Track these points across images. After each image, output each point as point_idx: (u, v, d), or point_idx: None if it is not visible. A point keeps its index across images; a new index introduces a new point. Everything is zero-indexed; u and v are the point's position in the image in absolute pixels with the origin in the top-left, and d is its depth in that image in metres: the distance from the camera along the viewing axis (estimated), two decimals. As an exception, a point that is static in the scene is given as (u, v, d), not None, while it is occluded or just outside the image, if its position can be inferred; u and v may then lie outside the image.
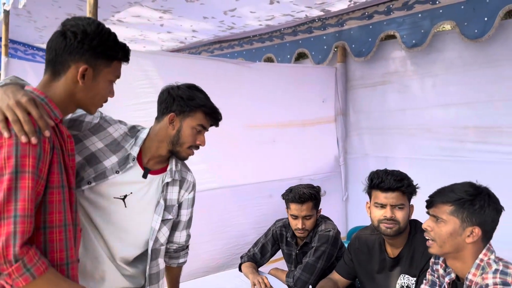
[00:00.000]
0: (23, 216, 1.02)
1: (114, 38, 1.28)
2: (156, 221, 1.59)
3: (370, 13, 3.33)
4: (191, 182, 1.71)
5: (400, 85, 3.37)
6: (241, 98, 3.04)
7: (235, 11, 3.60)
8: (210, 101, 1.61)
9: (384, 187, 1.88)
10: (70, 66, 1.21)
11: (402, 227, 1.87)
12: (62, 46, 1.21)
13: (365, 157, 3.66)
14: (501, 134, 2.81)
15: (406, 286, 1.87)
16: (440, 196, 1.53)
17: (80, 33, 1.21)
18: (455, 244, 1.47)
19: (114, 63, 1.30)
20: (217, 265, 2.85)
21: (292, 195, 2.33)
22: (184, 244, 1.81)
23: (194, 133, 1.56)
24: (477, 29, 2.71)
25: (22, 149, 1.05)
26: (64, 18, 4.36)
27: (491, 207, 1.46)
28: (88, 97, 1.28)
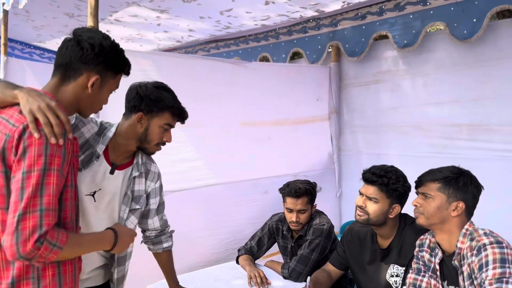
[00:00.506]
0: (48, 210, 1.12)
1: (123, 54, 1.39)
2: (124, 211, 1.67)
3: (363, 13, 3.40)
4: (156, 172, 1.79)
5: (392, 84, 3.45)
6: (237, 97, 3.12)
7: (231, 11, 3.67)
8: (177, 101, 1.67)
9: (364, 179, 2.01)
10: (83, 73, 1.30)
11: (371, 219, 1.95)
12: (79, 55, 1.29)
13: (358, 154, 3.74)
14: (489, 132, 2.90)
15: (395, 275, 1.96)
16: (429, 175, 1.71)
17: (97, 46, 1.30)
18: (441, 217, 1.65)
19: (118, 76, 1.41)
20: (214, 259, 2.93)
21: (288, 189, 2.42)
22: (160, 229, 1.89)
23: (161, 132, 1.63)
24: (466, 30, 2.80)
25: (51, 149, 1.14)
26: (62, 18, 4.40)
27: (473, 185, 1.65)
28: (91, 103, 1.38)
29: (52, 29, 4.69)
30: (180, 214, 2.62)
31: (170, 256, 1.97)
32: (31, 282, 1.17)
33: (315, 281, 2.07)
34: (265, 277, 2.27)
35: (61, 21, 4.30)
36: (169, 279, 2.00)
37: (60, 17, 4.14)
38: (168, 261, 1.97)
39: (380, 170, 1.97)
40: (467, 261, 1.56)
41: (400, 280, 1.94)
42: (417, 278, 1.75)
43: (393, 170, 1.99)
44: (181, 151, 2.79)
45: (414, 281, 1.75)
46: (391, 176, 1.94)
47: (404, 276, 1.91)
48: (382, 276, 1.99)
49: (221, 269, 2.48)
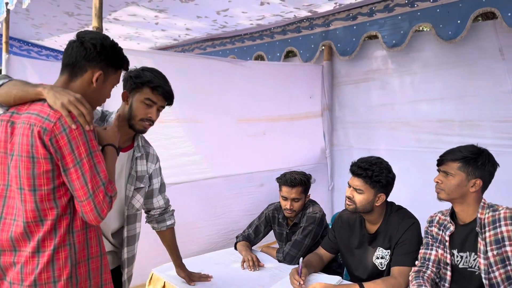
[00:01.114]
0: (107, 180, 1.39)
1: (122, 51, 1.54)
2: (129, 190, 1.82)
3: (354, 14, 3.55)
4: (154, 155, 1.95)
5: (382, 82, 3.61)
6: (234, 94, 3.26)
7: (228, 11, 3.79)
8: (158, 78, 1.76)
9: (351, 171, 2.15)
10: (87, 70, 1.47)
11: (358, 208, 2.11)
12: (83, 54, 1.46)
13: (349, 149, 3.91)
14: (472, 127, 3.07)
15: (381, 257, 2.12)
16: (450, 155, 1.85)
17: (99, 45, 1.46)
18: (461, 193, 1.81)
19: (119, 72, 1.56)
20: (212, 248, 3.06)
21: (284, 179, 2.58)
22: (164, 207, 2.06)
23: (143, 107, 1.73)
24: (451, 31, 2.95)
25: (88, 135, 1.36)
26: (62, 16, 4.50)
27: (490, 163, 1.80)
28: (96, 97, 1.52)
29: (51, 27, 4.77)
30: (179, 206, 2.73)
31: (173, 234, 2.13)
32: (67, 248, 1.37)
33: (308, 262, 2.24)
34: (257, 260, 2.42)
35: (60, 20, 4.39)
36: (173, 255, 2.16)
37: (60, 15, 4.23)
38: (172, 238, 2.12)
39: (365, 163, 2.09)
40: (493, 228, 1.73)
41: (385, 261, 2.11)
42: (426, 252, 1.94)
43: (377, 163, 2.11)
44: (181, 145, 2.93)
45: (424, 255, 1.94)
46: (374, 168, 2.06)
47: (389, 258, 2.08)
48: (369, 258, 2.15)
49: (220, 254, 2.63)
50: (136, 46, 5.26)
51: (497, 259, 1.71)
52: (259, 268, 2.40)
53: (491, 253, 1.72)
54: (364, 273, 2.17)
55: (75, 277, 1.38)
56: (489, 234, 1.73)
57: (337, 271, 2.49)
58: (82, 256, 1.41)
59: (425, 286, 1.81)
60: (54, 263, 1.34)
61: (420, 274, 1.89)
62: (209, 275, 2.24)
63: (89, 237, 1.43)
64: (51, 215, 1.34)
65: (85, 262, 1.42)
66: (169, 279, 2.23)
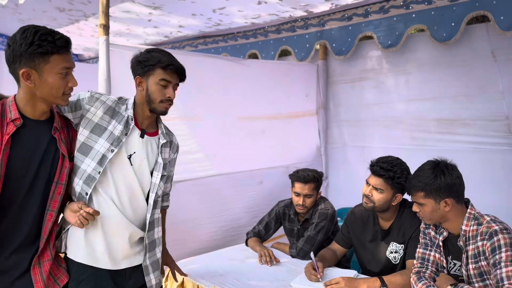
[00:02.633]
0: None
1: (40, 36, 1.40)
2: (157, 177, 1.81)
3: (350, 15, 3.61)
4: (176, 144, 1.96)
5: (376, 81, 3.70)
6: (234, 92, 3.28)
7: (224, 9, 3.79)
8: (166, 56, 1.74)
9: (372, 171, 2.20)
10: (18, 73, 1.43)
11: (376, 207, 2.17)
12: (7, 59, 1.44)
13: (344, 147, 3.99)
14: (464, 126, 3.20)
15: (394, 252, 2.21)
16: (411, 186, 1.89)
17: (12, 43, 1.41)
18: (439, 216, 1.86)
19: (53, 58, 1.43)
20: (213, 245, 3.09)
21: (298, 175, 2.64)
22: (167, 192, 2.07)
23: (160, 89, 1.72)
24: (445, 33, 3.06)
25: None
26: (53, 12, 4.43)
27: (449, 178, 1.80)
28: (45, 93, 1.48)
29: (39, 23, 4.49)
30: (182, 203, 2.79)
31: (164, 216, 2.10)
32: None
33: (322, 257, 2.31)
34: (274, 256, 2.49)
35: (50, 15, 4.29)
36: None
37: (51, 11, 4.14)
38: (163, 220, 2.09)
39: (387, 164, 2.15)
40: (473, 242, 1.78)
41: (398, 256, 2.19)
42: (425, 252, 1.98)
43: (398, 164, 2.17)
44: (184, 143, 2.93)
45: (423, 255, 1.99)
46: (396, 170, 2.13)
47: (402, 252, 2.16)
48: (382, 253, 2.24)
49: (233, 250, 2.68)
50: (125, 43, 5.19)
51: (475, 273, 1.78)
52: (276, 263, 2.45)
53: (471, 265, 1.79)
54: (377, 267, 2.25)
55: None
56: (471, 248, 1.79)
57: (345, 265, 2.57)
58: None
59: (432, 285, 1.86)
60: None
61: (421, 274, 1.94)
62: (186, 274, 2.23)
63: None
64: None
65: None
66: (188, 275, 2.26)
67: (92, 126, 1.70)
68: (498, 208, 2.66)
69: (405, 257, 2.17)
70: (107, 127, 1.71)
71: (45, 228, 1.59)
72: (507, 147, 3.00)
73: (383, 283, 1.99)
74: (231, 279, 2.23)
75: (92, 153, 1.68)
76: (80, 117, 1.70)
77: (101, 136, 1.69)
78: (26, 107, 1.50)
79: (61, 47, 1.45)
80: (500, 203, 2.91)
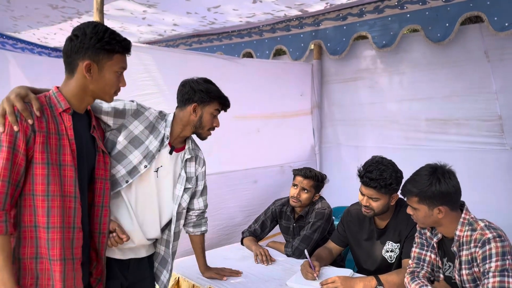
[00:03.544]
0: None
1: (110, 34, 1.48)
2: (179, 190, 1.95)
3: (344, 14, 3.62)
4: (202, 158, 2.10)
5: (371, 81, 3.71)
6: (228, 91, 3.21)
7: (219, 8, 3.79)
8: (221, 92, 1.97)
9: (362, 182, 2.20)
10: (78, 64, 1.47)
11: (377, 212, 2.20)
12: (70, 49, 1.47)
13: (338, 146, 4.00)
14: (458, 126, 3.22)
15: (390, 251, 2.22)
16: (406, 191, 1.87)
17: (80, 34, 1.45)
18: (432, 221, 1.86)
19: (116, 56, 1.50)
20: (208, 244, 3.04)
21: (300, 169, 2.70)
22: (203, 209, 2.17)
23: (212, 118, 1.93)
24: (440, 33, 3.08)
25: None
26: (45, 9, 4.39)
27: (444, 186, 1.78)
28: (99, 88, 1.52)
29: (31, 20, 4.61)
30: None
31: (204, 239, 2.25)
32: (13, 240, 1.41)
33: (318, 256, 2.31)
34: (269, 255, 2.49)
35: (42, 12, 4.25)
36: (202, 258, 2.26)
37: (43, 8, 4.10)
38: (203, 243, 2.24)
39: (375, 172, 2.12)
40: (467, 248, 1.78)
41: (394, 255, 2.20)
42: (421, 252, 1.99)
43: (387, 169, 2.14)
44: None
45: (419, 255, 1.99)
46: (386, 176, 2.12)
47: (398, 251, 2.17)
48: (378, 252, 2.25)
49: (229, 249, 2.67)
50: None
51: (469, 278, 1.79)
52: (271, 262, 2.46)
53: (464, 271, 1.80)
54: (373, 266, 2.26)
55: (17, 270, 1.39)
56: (464, 254, 1.79)
57: (340, 264, 2.58)
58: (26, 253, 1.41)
59: (426, 285, 1.86)
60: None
61: (415, 274, 1.94)
62: (239, 271, 2.30)
63: (22, 237, 1.41)
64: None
65: (31, 260, 1.41)
66: (184, 274, 2.28)
67: (132, 138, 1.79)
68: (490, 208, 2.70)
69: (401, 256, 2.18)
70: (144, 141, 1.81)
71: (104, 224, 1.65)
72: (500, 147, 3.02)
73: (379, 282, 2.00)
74: (227, 278, 2.23)
75: (125, 161, 1.78)
76: (121, 125, 1.77)
77: (137, 148, 1.80)
78: (73, 99, 1.51)
79: (124, 48, 1.53)
80: (493, 203, 2.94)
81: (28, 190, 1.39)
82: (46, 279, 1.42)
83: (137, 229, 1.84)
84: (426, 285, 1.86)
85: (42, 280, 1.42)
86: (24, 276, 1.40)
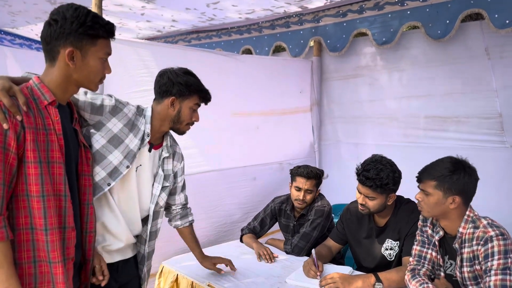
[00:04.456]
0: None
1: (92, 18, 1.37)
2: (157, 189, 1.87)
3: (344, 11, 3.60)
4: (180, 153, 2.01)
5: (370, 78, 3.70)
6: (229, 88, 3.25)
7: (218, 4, 3.76)
8: (202, 84, 1.87)
9: (359, 181, 2.19)
10: (59, 51, 1.36)
11: (372, 211, 2.20)
12: (49, 34, 1.35)
13: (337, 143, 3.99)
14: (458, 123, 3.21)
15: (389, 248, 2.21)
16: (425, 173, 1.84)
17: (60, 19, 1.34)
18: (441, 210, 1.82)
19: (100, 41, 1.40)
20: (206, 241, 3.07)
21: (301, 170, 2.64)
22: (185, 203, 2.12)
23: (191, 112, 1.83)
24: (440, 30, 3.06)
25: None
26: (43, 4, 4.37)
27: (466, 178, 1.77)
28: (83, 76, 1.42)
29: (29, 15, 4.58)
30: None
31: (193, 229, 2.18)
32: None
33: (319, 254, 2.31)
34: (272, 253, 2.48)
35: (41, 7, 4.21)
36: (197, 249, 2.21)
37: (41, 3, 4.06)
38: (193, 233, 2.17)
39: (373, 172, 2.11)
40: (469, 246, 1.77)
41: (394, 252, 2.19)
42: (422, 250, 1.98)
43: (384, 169, 2.13)
44: (178, 139, 2.90)
45: (420, 253, 1.98)
46: (382, 175, 2.10)
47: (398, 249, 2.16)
48: (377, 250, 2.24)
49: (228, 246, 2.67)
50: (117, 37, 5.13)
51: (470, 276, 1.78)
52: (274, 259, 2.45)
53: (465, 269, 1.79)
54: (373, 263, 2.25)
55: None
56: (466, 251, 1.79)
57: (340, 262, 2.57)
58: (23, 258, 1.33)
59: (426, 283, 1.86)
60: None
61: (416, 272, 1.93)
62: (233, 267, 2.28)
63: (17, 240, 1.32)
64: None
65: (29, 264, 1.33)
66: (182, 271, 2.26)
67: (110, 136, 1.69)
68: (490, 206, 2.68)
69: (401, 254, 2.17)
70: (124, 139, 1.72)
71: (90, 222, 1.57)
72: (500, 144, 3.01)
73: (378, 279, 1.99)
74: (226, 275, 2.23)
75: (104, 162, 1.68)
76: (98, 122, 1.68)
77: (117, 147, 1.70)
78: (56, 90, 1.40)
79: (109, 32, 1.43)
80: (493, 201, 2.92)
81: (21, 191, 1.30)
82: (46, 283, 1.35)
83: (125, 228, 1.79)
84: (427, 282, 1.85)
85: (42, 284, 1.35)
86: (21, 282, 1.31)
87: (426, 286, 1.84)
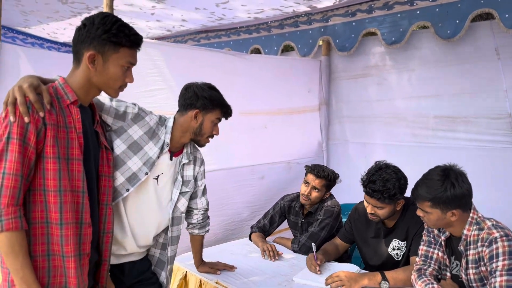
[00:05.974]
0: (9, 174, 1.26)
1: (119, 27, 1.42)
2: (175, 194, 1.90)
3: (353, 11, 3.60)
4: (200, 158, 2.06)
5: (379, 78, 3.69)
6: (236, 87, 3.27)
7: (227, 4, 3.79)
8: (225, 100, 1.94)
9: (365, 192, 2.19)
10: (83, 54, 1.42)
11: (383, 219, 2.21)
12: (77, 37, 1.42)
13: (345, 143, 3.99)
14: (467, 123, 3.20)
15: (397, 248, 2.22)
16: (418, 195, 1.84)
17: (88, 24, 1.40)
18: (444, 223, 1.85)
19: (122, 50, 1.44)
20: (214, 239, 3.10)
21: (313, 167, 2.70)
22: (207, 207, 2.15)
23: (212, 126, 1.90)
24: (450, 30, 3.05)
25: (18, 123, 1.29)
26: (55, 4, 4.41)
27: (458, 190, 1.76)
28: (102, 81, 1.46)
29: (41, 15, 4.64)
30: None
31: (201, 242, 2.26)
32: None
33: (324, 250, 2.34)
34: (276, 250, 2.51)
35: (52, 7, 4.28)
36: (199, 255, 2.26)
37: (53, 3, 4.12)
38: (202, 240, 2.24)
39: (379, 183, 2.10)
40: (474, 247, 1.78)
41: (401, 252, 2.20)
42: (428, 250, 1.98)
43: (390, 179, 2.11)
44: (187, 138, 2.94)
45: (426, 253, 1.99)
46: (389, 186, 2.09)
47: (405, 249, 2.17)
48: (385, 249, 2.25)
49: (235, 245, 2.70)
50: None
51: (476, 278, 1.79)
52: (278, 257, 2.48)
53: (471, 270, 1.79)
54: (379, 262, 2.26)
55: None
56: (471, 253, 1.79)
57: (346, 262, 2.58)
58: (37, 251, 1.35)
59: (432, 283, 1.86)
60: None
61: (422, 272, 1.94)
62: (233, 266, 2.31)
63: (33, 234, 1.34)
64: None
65: (43, 257, 1.36)
66: (191, 269, 2.29)
67: (131, 143, 1.74)
68: (498, 207, 2.68)
69: (408, 254, 2.18)
70: (143, 146, 1.77)
71: (108, 223, 1.59)
72: (509, 145, 3.00)
73: (384, 278, 2.00)
74: (234, 273, 2.25)
75: (123, 168, 1.72)
76: (120, 128, 1.72)
77: (136, 154, 1.75)
78: (79, 91, 1.45)
79: (133, 42, 1.47)
80: (501, 201, 2.92)
81: (39, 185, 1.33)
82: (59, 276, 1.38)
83: (130, 238, 1.81)
84: (433, 283, 1.86)
85: (55, 277, 1.37)
86: (36, 274, 1.33)
87: (432, 286, 1.84)
